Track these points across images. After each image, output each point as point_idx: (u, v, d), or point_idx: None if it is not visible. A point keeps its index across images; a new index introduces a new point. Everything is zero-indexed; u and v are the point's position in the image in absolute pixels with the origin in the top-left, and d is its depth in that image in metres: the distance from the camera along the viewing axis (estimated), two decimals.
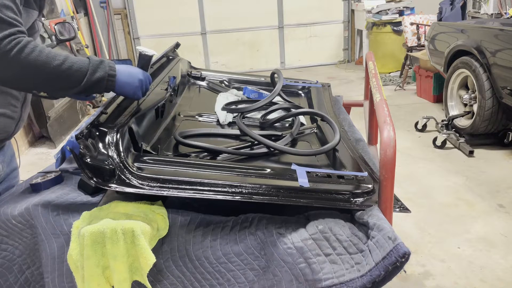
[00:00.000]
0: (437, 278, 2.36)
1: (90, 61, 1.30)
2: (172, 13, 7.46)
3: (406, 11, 6.80)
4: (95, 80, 1.30)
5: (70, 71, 1.25)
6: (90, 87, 1.30)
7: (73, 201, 1.31)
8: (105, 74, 1.31)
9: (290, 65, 8.06)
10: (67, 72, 1.25)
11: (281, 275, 1.18)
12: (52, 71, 1.23)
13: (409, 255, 1.07)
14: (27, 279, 1.30)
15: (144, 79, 1.41)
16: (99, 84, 1.31)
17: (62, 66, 1.24)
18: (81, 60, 1.29)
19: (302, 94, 2.49)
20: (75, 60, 1.27)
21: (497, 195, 3.18)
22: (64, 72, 1.24)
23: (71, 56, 1.28)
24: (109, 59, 1.36)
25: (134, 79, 1.39)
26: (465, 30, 4.14)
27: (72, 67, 1.25)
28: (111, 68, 1.33)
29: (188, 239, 1.20)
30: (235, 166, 1.36)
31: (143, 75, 1.42)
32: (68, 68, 1.25)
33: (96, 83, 1.30)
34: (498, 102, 3.69)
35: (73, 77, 1.26)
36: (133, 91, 1.39)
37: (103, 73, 1.31)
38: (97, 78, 1.30)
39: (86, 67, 1.28)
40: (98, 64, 1.31)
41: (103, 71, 1.31)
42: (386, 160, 1.17)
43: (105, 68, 1.31)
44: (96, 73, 1.29)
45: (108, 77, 1.32)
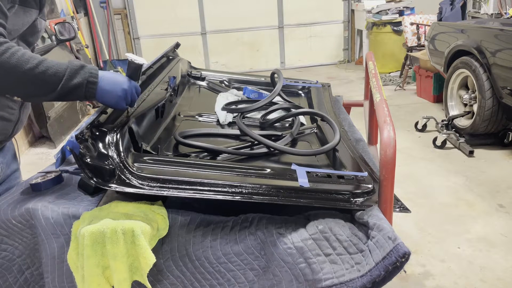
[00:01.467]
0: (437, 278, 2.36)
1: (68, 66, 1.22)
2: (172, 13, 7.46)
3: (406, 11, 6.80)
4: (72, 87, 1.21)
5: (44, 75, 1.17)
6: (67, 94, 1.22)
7: (73, 201, 1.31)
8: (84, 81, 1.22)
9: (290, 65, 8.06)
10: (41, 77, 1.17)
11: (281, 275, 1.18)
12: (23, 75, 1.16)
13: (409, 255, 1.07)
14: (27, 279, 1.30)
15: (129, 89, 1.31)
16: (77, 91, 1.22)
17: (35, 70, 1.16)
18: (59, 64, 1.22)
19: (302, 94, 2.49)
20: (51, 64, 1.19)
21: (497, 195, 3.18)
22: (37, 76, 1.17)
23: (48, 60, 1.20)
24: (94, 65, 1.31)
25: (117, 87, 1.28)
26: (465, 30, 4.14)
27: (46, 71, 1.18)
28: (92, 75, 1.24)
29: (188, 239, 1.20)
30: (235, 166, 1.36)
31: (128, 84, 1.31)
32: (41, 73, 1.17)
33: (74, 90, 1.22)
34: (498, 102, 3.69)
35: (47, 82, 1.19)
36: (115, 100, 1.29)
37: (81, 79, 1.22)
38: (74, 85, 1.21)
39: (63, 72, 1.20)
40: (77, 69, 1.22)
41: (82, 77, 1.22)
42: (386, 160, 1.17)
43: (85, 74, 1.23)
44: (73, 79, 1.21)
45: (88, 84, 1.23)
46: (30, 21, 1.41)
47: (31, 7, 1.40)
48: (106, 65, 6.92)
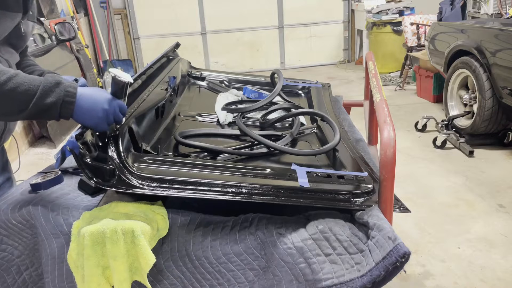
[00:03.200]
0: (437, 278, 2.36)
1: (41, 83, 1.09)
2: (172, 13, 7.46)
3: (406, 11, 6.80)
4: (45, 106, 1.09)
5: (14, 93, 1.05)
6: (39, 114, 1.10)
7: (73, 201, 1.31)
8: (59, 100, 1.10)
9: (290, 65, 8.06)
10: (10, 94, 1.05)
11: (281, 275, 1.18)
12: None
13: (409, 255, 1.07)
14: (25, 280, 1.30)
15: (111, 108, 1.18)
16: (51, 110, 1.10)
17: (4, 86, 1.04)
18: (32, 80, 1.09)
19: (302, 94, 2.49)
20: (22, 80, 1.07)
21: (497, 195, 3.18)
22: (6, 94, 1.04)
23: (20, 76, 1.08)
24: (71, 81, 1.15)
25: (97, 107, 1.15)
26: (465, 30, 4.14)
27: (17, 88, 1.05)
28: (68, 94, 1.12)
29: (188, 239, 1.20)
30: (235, 166, 1.36)
31: (110, 103, 1.18)
32: (11, 90, 1.05)
33: (47, 110, 1.10)
34: (498, 102, 3.69)
35: (17, 101, 1.06)
36: (95, 122, 1.16)
37: (55, 98, 1.10)
38: (47, 104, 1.09)
39: (35, 89, 1.07)
40: (51, 86, 1.10)
41: (56, 95, 1.10)
42: (386, 160, 1.17)
43: (60, 93, 1.10)
44: (47, 98, 1.08)
45: (63, 103, 1.11)
46: (12, 25, 1.33)
47: (13, 10, 1.32)
48: (106, 65, 6.92)
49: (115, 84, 1.20)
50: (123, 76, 1.19)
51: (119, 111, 1.21)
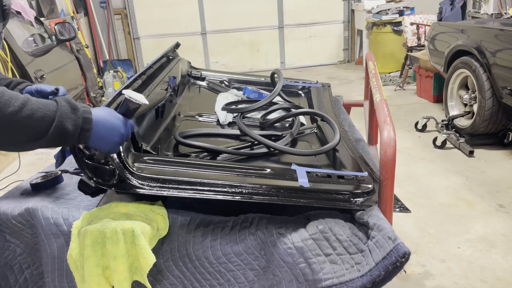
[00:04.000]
0: (437, 278, 2.36)
1: (58, 108, 1.01)
2: (172, 13, 7.46)
3: (406, 11, 6.80)
4: (63, 134, 1.01)
5: (30, 120, 0.96)
6: (56, 142, 1.02)
7: (73, 201, 1.31)
8: (77, 128, 1.03)
9: (290, 65, 8.06)
10: (26, 122, 0.96)
11: (281, 275, 1.18)
12: (6, 120, 0.94)
13: (409, 255, 1.07)
14: (26, 279, 1.30)
15: (126, 132, 1.14)
16: (68, 138, 1.02)
17: (19, 114, 0.95)
18: (46, 106, 1.00)
19: (302, 94, 2.49)
20: (36, 106, 0.98)
21: (497, 195, 3.18)
22: (21, 121, 0.95)
23: (32, 101, 0.99)
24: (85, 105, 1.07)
25: (115, 133, 1.10)
26: (465, 30, 4.14)
27: (33, 115, 0.96)
28: (86, 120, 1.04)
29: (188, 239, 1.20)
30: (235, 166, 1.36)
31: (125, 127, 1.13)
32: (26, 117, 0.96)
33: (65, 138, 1.02)
34: (498, 102, 3.69)
35: (33, 129, 0.97)
36: (111, 146, 1.11)
37: (73, 126, 1.02)
38: (66, 132, 1.01)
39: (52, 116, 0.99)
40: (68, 113, 1.01)
41: (74, 122, 1.02)
42: (386, 160, 1.17)
43: (78, 120, 1.03)
44: (65, 125, 1.00)
45: (81, 131, 1.04)
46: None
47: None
48: (106, 65, 6.92)
49: (128, 105, 1.14)
50: (136, 97, 1.13)
51: (130, 132, 1.17)
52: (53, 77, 4.16)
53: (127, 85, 1.69)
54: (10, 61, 3.53)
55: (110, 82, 6.22)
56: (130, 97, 1.12)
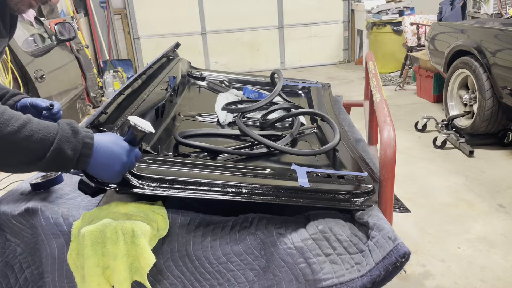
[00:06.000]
0: (437, 278, 2.36)
1: (58, 131, 0.97)
2: (172, 13, 7.46)
3: (406, 11, 6.80)
4: (61, 158, 0.97)
5: (28, 142, 0.93)
6: (52, 166, 0.99)
7: (73, 201, 1.31)
8: (76, 153, 0.99)
9: (290, 65, 8.06)
10: (24, 143, 0.93)
11: (281, 275, 1.18)
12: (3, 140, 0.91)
13: (409, 255, 1.07)
14: (26, 279, 1.30)
15: (128, 161, 1.08)
16: (65, 163, 0.99)
17: (18, 134, 0.92)
18: (47, 127, 0.97)
19: (302, 94, 2.49)
20: (37, 128, 0.95)
21: (497, 195, 3.18)
22: (19, 143, 0.92)
23: (34, 121, 0.96)
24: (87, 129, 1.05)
25: (116, 161, 1.05)
26: (465, 30, 4.14)
27: (31, 136, 0.93)
28: (86, 145, 1.00)
29: (188, 239, 1.20)
30: (235, 166, 1.36)
31: (128, 155, 1.08)
32: (25, 138, 0.93)
33: (62, 162, 0.98)
34: (498, 102, 3.69)
35: (30, 151, 0.94)
36: (111, 175, 1.07)
37: (72, 150, 0.98)
38: (64, 156, 0.97)
39: (51, 138, 0.96)
40: (68, 136, 0.98)
41: (73, 147, 0.98)
42: (386, 160, 1.17)
43: (78, 144, 0.99)
44: (63, 149, 0.97)
45: (80, 156, 1.00)
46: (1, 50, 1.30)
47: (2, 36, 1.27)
48: (106, 65, 6.92)
49: (133, 133, 1.09)
50: (142, 124, 1.08)
51: (135, 161, 1.12)
52: (53, 77, 4.16)
53: (127, 85, 1.69)
54: (10, 61, 3.53)
55: (110, 82, 6.22)
56: (135, 124, 1.06)
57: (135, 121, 1.07)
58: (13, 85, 3.56)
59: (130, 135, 1.09)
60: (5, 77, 3.49)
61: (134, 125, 1.07)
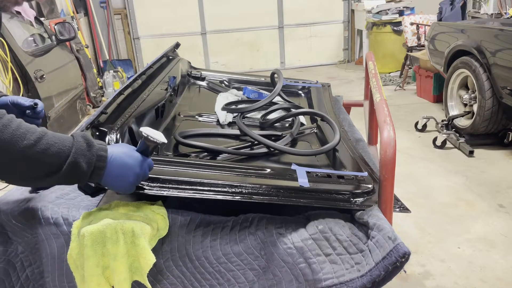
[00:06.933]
0: (437, 278, 2.36)
1: (73, 143, 0.96)
2: (172, 13, 7.46)
3: (406, 11, 6.80)
4: (75, 171, 0.96)
5: (44, 156, 0.91)
6: (67, 179, 0.97)
7: (73, 201, 1.31)
8: (90, 166, 0.98)
9: (290, 65, 8.06)
10: (40, 158, 0.91)
11: (281, 275, 1.18)
12: (17, 155, 0.89)
13: (409, 255, 1.07)
14: (27, 277, 1.30)
15: (142, 172, 1.08)
16: (80, 176, 0.98)
17: (34, 148, 0.90)
18: (62, 140, 0.95)
19: (302, 94, 2.49)
20: (52, 141, 0.93)
21: (497, 195, 3.18)
22: (34, 156, 0.91)
23: (49, 134, 0.94)
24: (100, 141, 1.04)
25: (129, 172, 1.05)
26: (465, 30, 4.14)
27: (48, 150, 0.91)
28: (100, 158, 1.00)
29: (188, 239, 1.20)
30: (235, 166, 1.36)
31: (141, 166, 1.08)
32: (41, 152, 0.91)
33: (76, 176, 0.97)
34: (498, 102, 3.69)
35: (46, 165, 0.93)
36: (125, 186, 1.07)
37: (87, 164, 0.97)
38: (79, 169, 0.96)
39: (67, 152, 0.94)
40: (84, 149, 0.97)
41: (87, 160, 0.97)
42: (386, 160, 1.17)
43: (92, 158, 0.98)
44: (79, 162, 0.96)
45: (94, 169, 0.99)
46: None
47: None
48: (106, 65, 6.92)
49: (146, 144, 1.09)
50: (155, 135, 1.09)
51: (148, 171, 1.12)
52: (53, 77, 4.16)
53: (127, 85, 1.69)
54: (10, 61, 3.53)
55: (110, 82, 6.22)
56: (148, 135, 1.07)
57: (148, 132, 1.08)
58: (13, 85, 3.56)
59: (143, 146, 1.10)
60: (5, 77, 3.49)
61: (147, 136, 1.07)
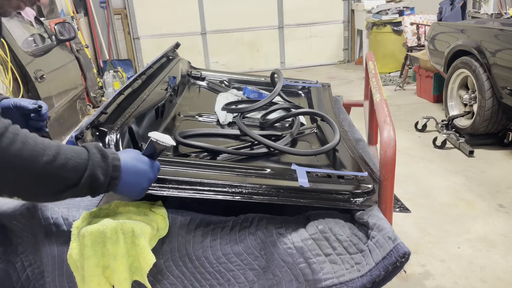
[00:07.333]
0: (437, 278, 2.36)
1: (89, 156, 0.95)
2: (172, 13, 7.46)
3: (406, 11, 6.80)
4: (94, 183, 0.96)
5: (63, 171, 0.90)
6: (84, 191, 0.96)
7: (73, 201, 1.30)
8: (107, 178, 0.98)
9: (290, 65, 8.06)
10: (59, 173, 0.90)
11: (281, 275, 1.18)
12: (38, 172, 0.87)
13: (409, 255, 1.07)
14: (28, 277, 1.30)
15: (153, 175, 1.10)
16: (98, 188, 0.97)
17: (53, 164, 0.88)
18: (78, 153, 0.94)
19: (302, 94, 2.49)
20: (69, 154, 0.91)
21: (497, 195, 3.18)
22: (55, 172, 0.89)
23: (64, 148, 0.92)
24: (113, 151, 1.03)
25: (143, 179, 1.06)
26: (465, 30, 4.14)
27: (66, 164, 0.90)
28: (115, 167, 0.99)
29: (188, 239, 1.20)
30: (235, 166, 1.36)
31: (153, 171, 1.09)
32: (60, 167, 0.89)
33: (94, 187, 0.96)
34: (498, 102, 3.69)
35: (65, 179, 0.91)
36: (139, 192, 1.08)
37: (103, 175, 0.97)
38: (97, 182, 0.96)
39: (84, 165, 0.93)
40: (99, 161, 0.96)
41: (104, 172, 0.97)
42: (386, 160, 1.17)
43: (108, 169, 0.97)
44: (96, 174, 0.95)
45: (111, 180, 0.99)
46: None
47: None
48: (106, 65, 6.92)
49: (154, 147, 1.10)
50: (163, 139, 1.10)
51: (157, 174, 1.13)
52: (53, 77, 4.16)
53: (127, 85, 1.69)
54: (10, 61, 3.53)
55: (110, 82, 6.22)
56: (157, 140, 1.08)
57: (156, 137, 1.09)
58: (13, 85, 3.56)
59: (150, 149, 1.10)
60: (5, 77, 3.49)
61: (156, 141, 1.08)
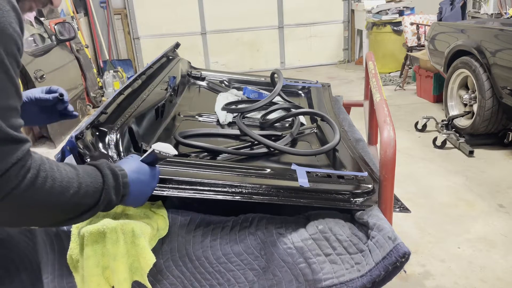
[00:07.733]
0: (437, 278, 2.36)
1: (104, 179, 0.96)
2: (172, 13, 7.46)
3: (406, 11, 6.80)
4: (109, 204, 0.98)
5: (85, 198, 0.92)
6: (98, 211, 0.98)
7: None
8: (119, 196, 1.00)
9: (290, 65, 8.06)
10: (82, 201, 0.92)
11: (281, 275, 1.18)
12: (67, 203, 0.89)
13: (409, 255, 1.07)
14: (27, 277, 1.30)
15: (156, 184, 1.15)
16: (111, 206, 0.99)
17: (78, 194, 0.90)
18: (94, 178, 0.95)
19: (302, 94, 2.49)
20: (88, 181, 0.93)
21: (497, 195, 3.17)
22: (79, 201, 0.91)
23: (81, 175, 0.93)
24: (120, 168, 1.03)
25: (148, 189, 1.10)
26: (465, 30, 4.14)
27: (87, 192, 0.92)
28: (125, 185, 1.02)
29: (188, 239, 1.20)
30: (235, 166, 1.36)
31: (155, 179, 1.13)
32: (83, 196, 0.91)
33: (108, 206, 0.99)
34: (498, 102, 3.69)
35: (85, 205, 0.93)
36: (143, 202, 1.11)
37: (116, 195, 0.99)
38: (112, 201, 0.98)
39: (100, 189, 0.95)
40: (112, 181, 0.97)
41: (117, 191, 0.99)
42: (386, 160, 1.17)
43: (119, 188, 0.99)
44: (110, 195, 0.97)
45: (122, 197, 1.02)
46: None
47: None
48: (106, 65, 6.92)
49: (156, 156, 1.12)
50: (165, 149, 1.12)
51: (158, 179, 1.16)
52: (53, 77, 4.16)
53: (127, 85, 1.69)
54: None
55: (110, 82, 6.22)
56: (160, 151, 1.11)
57: (159, 148, 1.11)
58: None
59: (151, 158, 1.11)
60: None
61: (159, 152, 1.11)
